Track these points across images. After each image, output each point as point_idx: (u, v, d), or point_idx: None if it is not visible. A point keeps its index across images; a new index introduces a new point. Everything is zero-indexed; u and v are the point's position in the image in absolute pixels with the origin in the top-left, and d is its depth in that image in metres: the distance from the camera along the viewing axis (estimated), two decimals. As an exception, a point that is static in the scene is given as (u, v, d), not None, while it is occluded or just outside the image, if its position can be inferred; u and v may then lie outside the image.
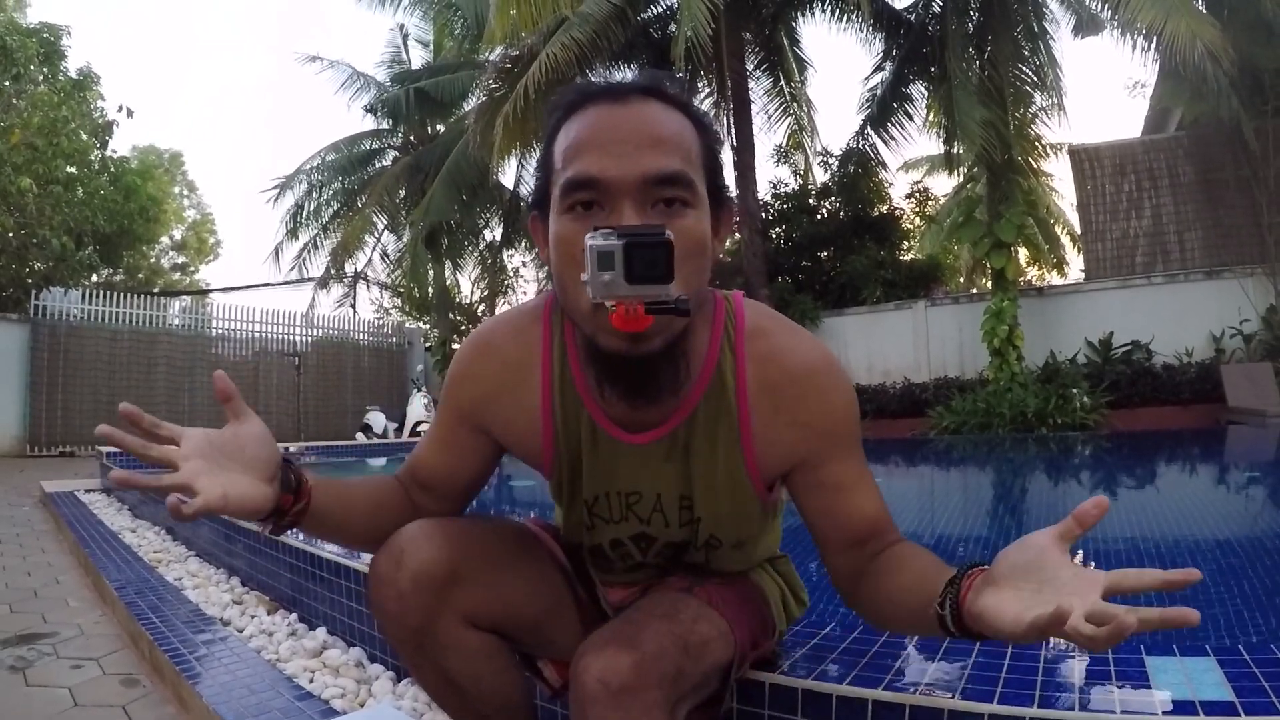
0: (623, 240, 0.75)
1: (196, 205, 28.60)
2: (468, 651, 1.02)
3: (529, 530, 1.21)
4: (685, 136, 0.92)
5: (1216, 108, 9.39)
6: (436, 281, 17.01)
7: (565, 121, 0.94)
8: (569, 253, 0.88)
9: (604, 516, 1.09)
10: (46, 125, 13.65)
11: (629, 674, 0.83)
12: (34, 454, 11.51)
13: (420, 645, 1.01)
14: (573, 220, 0.88)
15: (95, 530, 4.08)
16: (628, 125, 0.89)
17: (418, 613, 0.98)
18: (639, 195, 0.86)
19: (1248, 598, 2.21)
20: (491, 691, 1.06)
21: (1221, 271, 10.62)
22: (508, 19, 10.02)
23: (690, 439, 1.02)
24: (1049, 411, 9.11)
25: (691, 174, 0.90)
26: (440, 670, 1.03)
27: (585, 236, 0.78)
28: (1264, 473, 5.67)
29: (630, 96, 0.91)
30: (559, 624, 1.14)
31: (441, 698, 1.09)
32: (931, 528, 4.04)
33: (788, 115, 13.94)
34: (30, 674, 2.08)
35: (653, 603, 1.02)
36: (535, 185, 0.99)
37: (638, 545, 1.11)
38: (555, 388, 1.04)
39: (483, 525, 1.12)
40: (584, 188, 0.87)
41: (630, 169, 0.86)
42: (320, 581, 2.26)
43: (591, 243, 0.76)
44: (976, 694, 1.06)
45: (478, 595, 1.02)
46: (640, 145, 0.87)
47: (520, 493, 5.83)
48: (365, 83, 16.53)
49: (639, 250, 0.75)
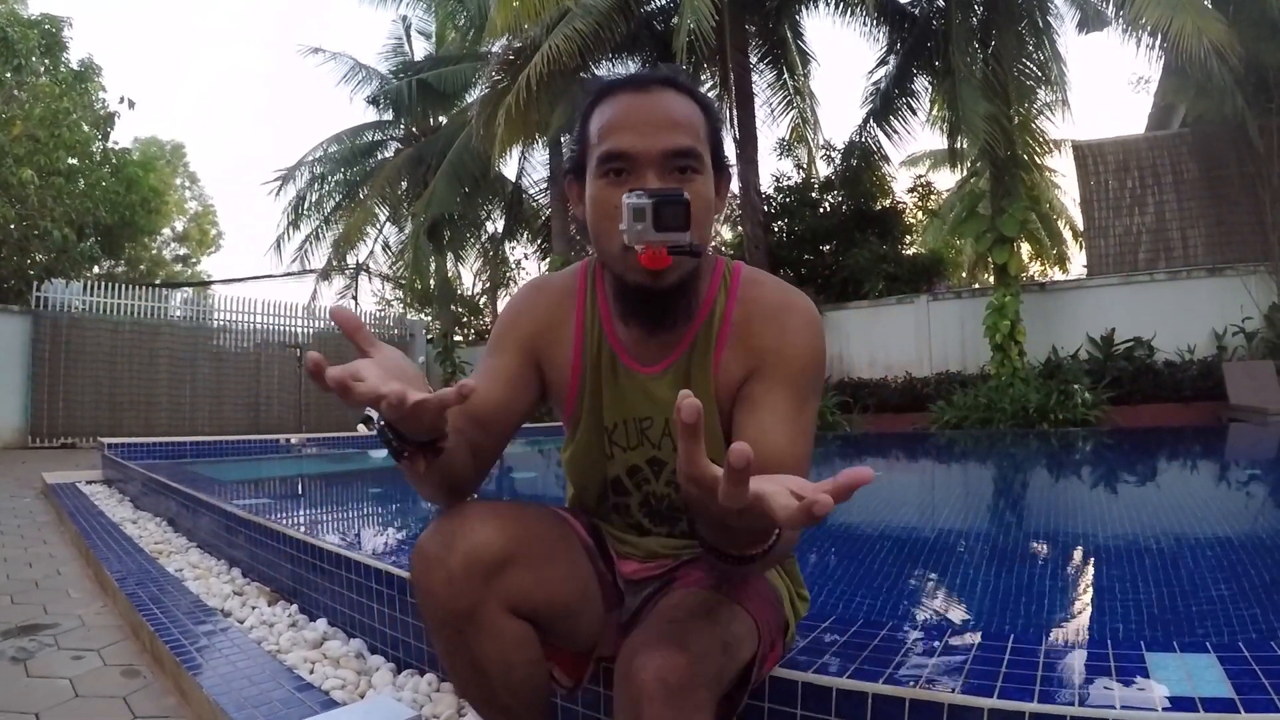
0: (652, 199, 0.96)
1: (198, 197, 28.67)
2: (505, 639, 1.03)
3: (560, 514, 1.23)
4: (695, 118, 1.11)
5: (1221, 105, 9.38)
6: (438, 273, 17.03)
7: (598, 105, 1.12)
8: (604, 210, 1.08)
9: (621, 444, 1.22)
10: (48, 117, 13.65)
11: (684, 674, 0.86)
12: (35, 445, 11.53)
13: (461, 630, 1.01)
14: (607, 184, 1.08)
15: (96, 521, 4.09)
16: (650, 109, 1.08)
17: (465, 596, 0.99)
18: (660, 165, 1.06)
19: (1248, 595, 2.21)
20: (520, 681, 1.06)
21: (1224, 269, 10.61)
22: (510, 10, 10.01)
23: (690, 368, 1.16)
24: (1050, 407, 9.12)
25: (700, 149, 1.09)
26: (474, 657, 1.03)
27: (622, 195, 0.99)
28: (1265, 470, 5.67)
29: (652, 86, 1.10)
30: (586, 610, 1.16)
31: (467, 685, 1.09)
32: (932, 522, 4.05)
33: (791, 109, 13.93)
34: (31, 665, 2.08)
35: (691, 600, 1.02)
36: (571, 155, 1.18)
37: (652, 469, 1.22)
38: (586, 328, 1.22)
39: (528, 509, 1.13)
40: (617, 159, 1.06)
41: (653, 145, 1.05)
42: (321, 573, 2.27)
43: (628, 200, 0.97)
44: (977, 688, 1.06)
45: (524, 581, 1.03)
46: (660, 126, 1.07)
47: (521, 485, 5.84)
48: (368, 74, 16.51)
49: (665, 206, 0.96)
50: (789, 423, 1.07)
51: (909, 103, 12.58)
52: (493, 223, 17.92)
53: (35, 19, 14.73)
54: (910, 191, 17.27)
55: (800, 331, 1.13)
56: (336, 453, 8.93)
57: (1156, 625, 1.99)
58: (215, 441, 8.35)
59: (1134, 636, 1.86)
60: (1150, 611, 2.10)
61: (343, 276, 17.61)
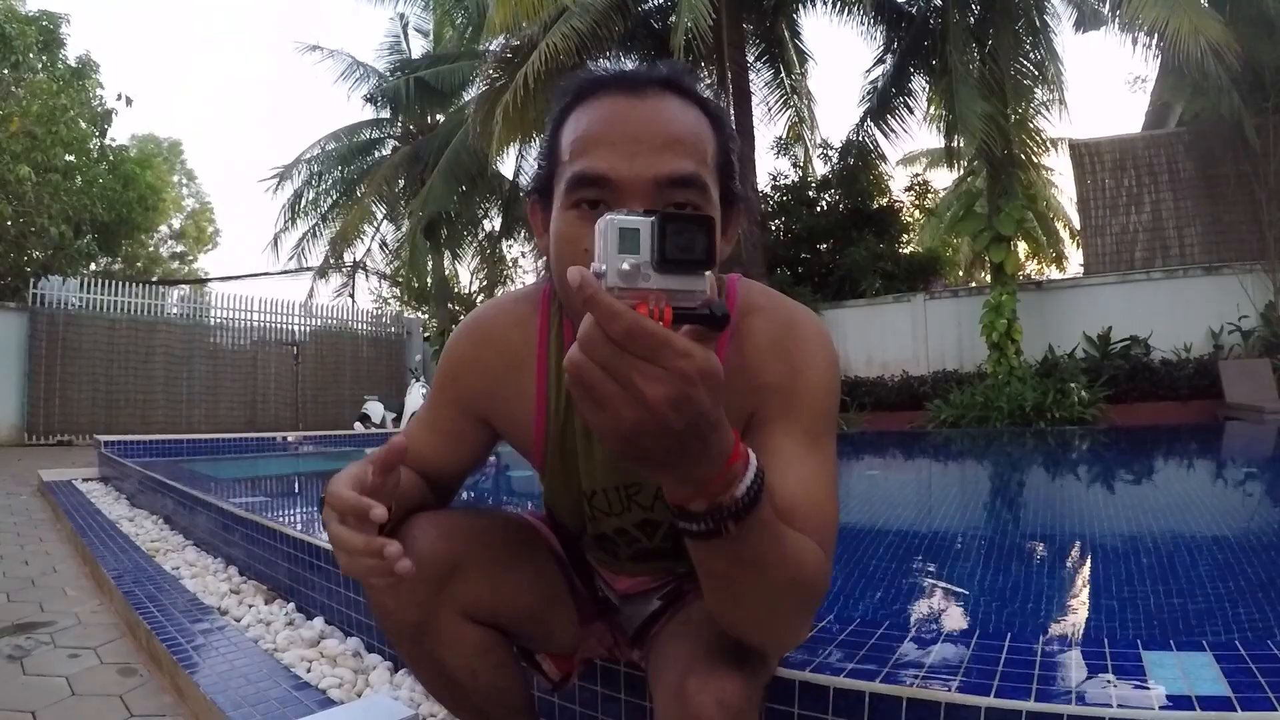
0: (653, 217, 0.59)
1: (195, 194, 28.64)
2: (465, 646, 1.02)
3: (527, 522, 1.19)
4: (702, 136, 0.88)
5: (1217, 104, 9.39)
6: (435, 271, 17.01)
7: (575, 108, 0.89)
8: (571, 250, 0.84)
9: (604, 509, 1.07)
10: (45, 113, 13.61)
11: (742, 696, 0.82)
12: (32, 443, 11.50)
13: (418, 639, 1.00)
14: (577, 217, 0.85)
15: (93, 519, 4.08)
16: (642, 122, 0.84)
17: (416, 607, 0.97)
18: (650, 197, 0.82)
19: (1244, 593, 2.21)
20: (489, 686, 1.05)
21: (1221, 268, 10.63)
22: (509, 8, 9.99)
23: None
24: (1047, 405, 9.13)
25: (706, 177, 0.86)
26: (437, 665, 1.02)
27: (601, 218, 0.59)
28: (1261, 469, 5.68)
29: (648, 89, 0.87)
30: (557, 618, 1.13)
31: (438, 692, 1.09)
32: (929, 520, 4.05)
33: (788, 107, 13.92)
34: (28, 663, 2.08)
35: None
36: (538, 169, 0.95)
37: (643, 531, 1.08)
38: (551, 380, 1.02)
39: (481, 518, 1.10)
40: (592, 185, 0.83)
41: (643, 170, 0.82)
42: (318, 571, 2.26)
43: (612, 217, 0.59)
44: (974, 687, 1.06)
45: (477, 589, 1.01)
46: (654, 145, 0.83)
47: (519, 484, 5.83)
48: (365, 72, 16.48)
49: (674, 224, 0.58)
50: (802, 464, 0.87)
51: (906, 101, 12.59)
52: (490, 221, 17.89)
53: (33, 15, 14.70)
54: (907, 190, 17.30)
55: (809, 360, 0.93)
56: (333, 450, 8.91)
57: (1153, 624, 1.99)
58: (212, 439, 8.35)
59: (1130, 635, 1.86)
60: (1147, 610, 2.10)
61: (340, 274, 17.59)
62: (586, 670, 1.35)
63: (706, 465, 0.62)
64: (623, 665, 1.30)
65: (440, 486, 1.12)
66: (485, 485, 5.39)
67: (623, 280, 0.58)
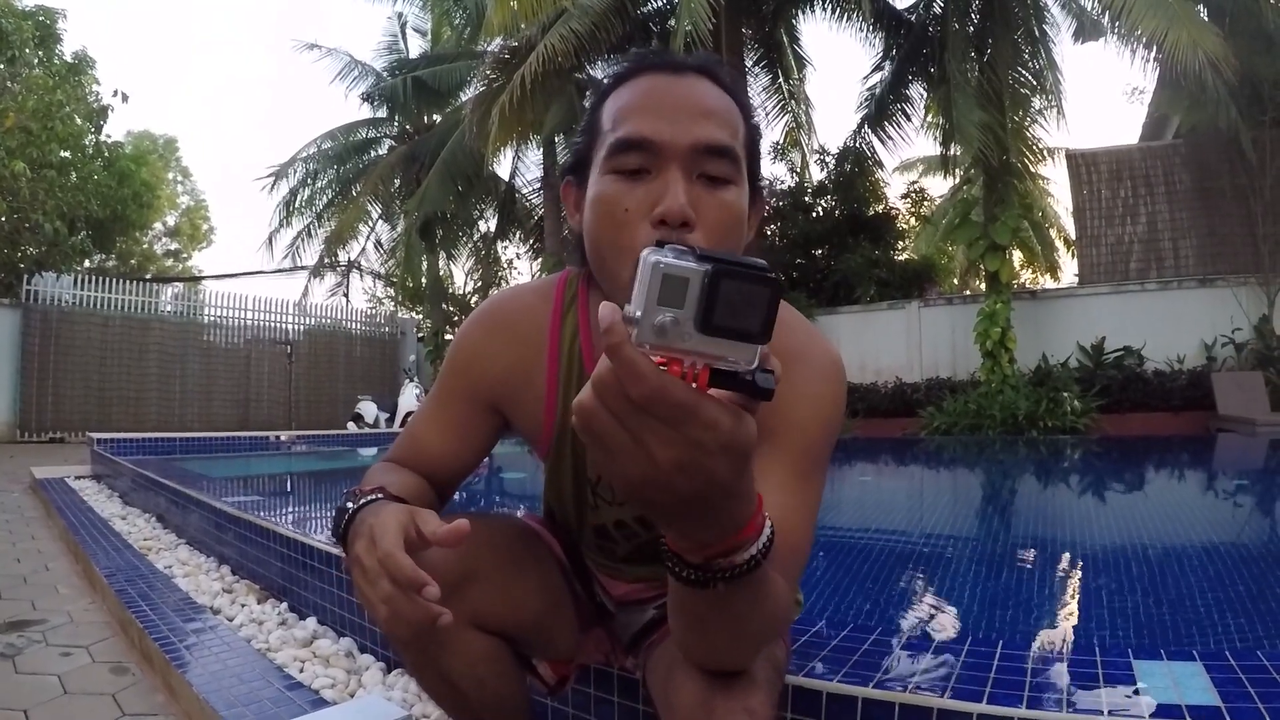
0: (708, 264, 0.48)
1: (190, 191, 28.56)
2: (472, 655, 1.01)
3: (531, 528, 1.18)
4: (734, 117, 0.92)
5: (1215, 116, 9.42)
6: (430, 272, 16.99)
7: (617, 88, 0.93)
8: (609, 212, 0.87)
9: (607, 498, 1.08)
10: (41, 109, 13.58)
11: (768, 706, 0.82)
12: (24, 440, 11.47)
13: (424, 649, 1.00)
14: (616, 181, 0.88)
15: (85, 517, 4.07)
16: (682, 95, 0.89)
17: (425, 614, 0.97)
18: (688, 162, 0.86)
19: (1234, 603, 2.22)
20: (494, 695, 1.04)
21: (1215, 280, 10.67)
22: (507, 9, 10.00)
23: None
24: (1040, 414, 9.16)
25: (738, 150, 0.90)
26: (443, 673, 1.01)
27: (645, 250, 0.50)
28: (1252, 481, 5.70)
29: (686, 71, 0.92)
30: (559, 624, 1.12)
31: (441, 699, 1.08)
32: (921, 527, 4.06)
33: (785, 113, 13.94)
34: (19, 661, 2.07)
35: None
36: (574, 150, 0.98)
37: (642, 524, 1.09)
38: (561, 369, 1.04)
39: (490, 524, 1.09)
40: (634, 148, 0.86)
41: (682, 134, 0.86)
42: (311, 571, 2.26)
43: (656, 259, 0.48)
44: (966, 693, 1.07)
45: (487, 597, 1.00)
46: (693, 114, 0.87)
47: (510, 485, 5.83)
48: (363, 71, 16.46)
49: (731, 283, 0.47)
50: (783, 491, 0.85)
51: (904, 109, 12.62)
52: (485, 222, 17.89)
53: (30, 10, 14.66)
54: (903, 197, 17.34)
55: (808, 390, 0.91)
56: (326, 450, 8.91)
57: (1144, 633, 2.00)
58: (205, 438, 8.34)
59: (1121, 644, 1.87)
60: (1137, 619, 2.11)
61: (334, 273, 17.58)
62: (580, 673, 1.35)
63: (714, 531, 0.60)
64: (616, 669, 1.30)
65: (442, 484, 1.12)
66: (478, 487, 5.39)
67: (656, 337, 0.49)
